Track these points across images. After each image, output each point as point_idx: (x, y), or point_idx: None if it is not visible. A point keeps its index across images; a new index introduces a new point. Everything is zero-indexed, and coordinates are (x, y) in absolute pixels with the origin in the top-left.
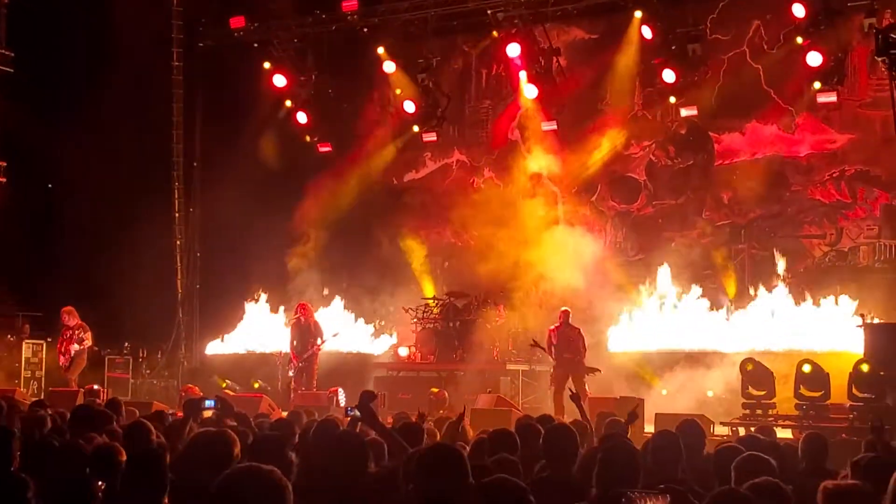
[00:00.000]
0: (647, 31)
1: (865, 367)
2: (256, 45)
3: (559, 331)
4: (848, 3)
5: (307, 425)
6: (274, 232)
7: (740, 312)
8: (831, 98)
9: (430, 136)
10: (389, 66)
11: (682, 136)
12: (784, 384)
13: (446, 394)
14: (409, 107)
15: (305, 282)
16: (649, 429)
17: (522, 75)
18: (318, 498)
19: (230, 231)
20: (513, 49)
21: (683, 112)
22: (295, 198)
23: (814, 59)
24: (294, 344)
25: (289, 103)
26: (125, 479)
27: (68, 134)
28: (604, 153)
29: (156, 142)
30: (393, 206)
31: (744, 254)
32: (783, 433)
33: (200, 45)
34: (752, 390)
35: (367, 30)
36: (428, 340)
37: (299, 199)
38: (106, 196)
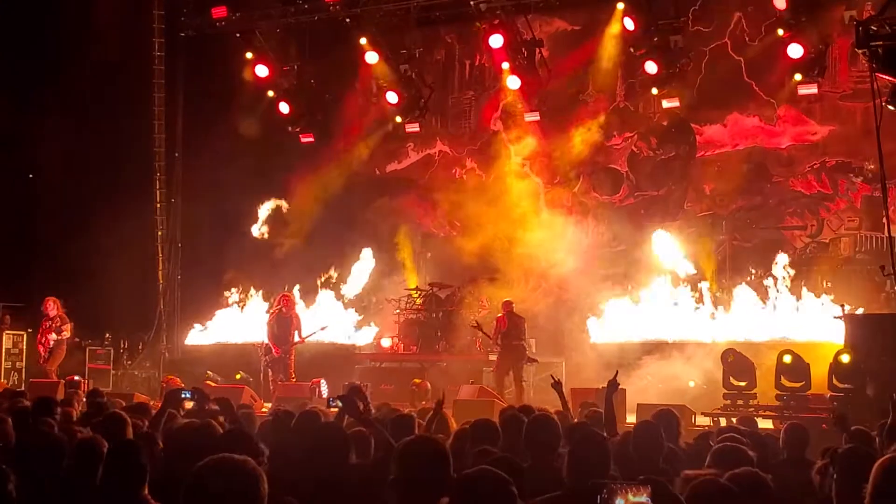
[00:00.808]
0: (629, 23)
1: (846, 358)
2: (239, 34)
3: (507, 319)
4: None
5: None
6: (255, 222)
7: (722, 303)
8: (812, 90)
9: (412, 127)
10: (372, 57)
11: (664, 128)
12: (765, 375)
13: (428, 385)
14: (392, 97)
15: (287, 272)
16: (631, 419)
17: (505, 66)
18: (298, 489)
19: (212, 221)
20: (495, 40)
21: (665, 104)
22: (277, 188)
23: (795, 50)
24: (274, 334)
25: (271, 93)
26: (104, 471)
27: (49, 124)
28: (586, 144)
29: (137, 132)
30: (375, 196)
31: (725, 244)
32: (764, 423)
33: (182, 34)
34: (733, 381)
35: (349, 20)
36: (410, 331)
37: (281, 190)
38: (87, 186)
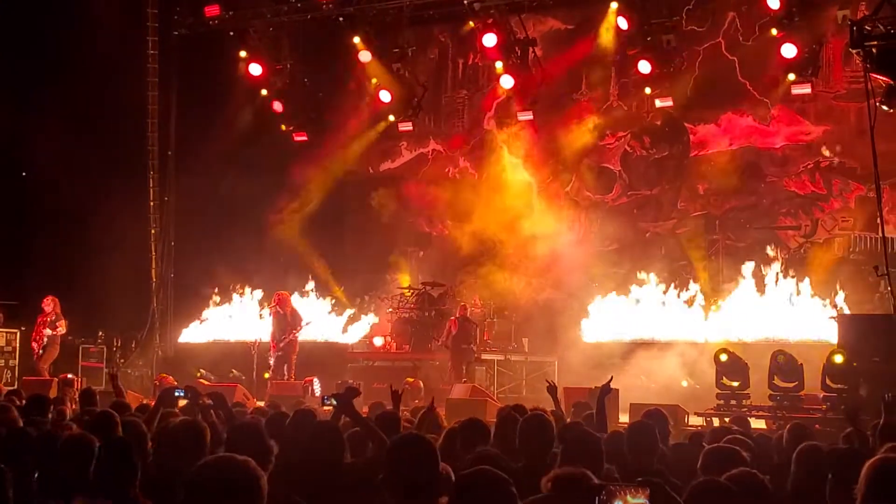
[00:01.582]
0: (622, 22)
1: (839, 358)
2: (232, 33)
3: (458, 323)
4: None
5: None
6: (249, 221)
7: (714, 303)
8: (806, 90)
9: (405, 126)
10: (365, 56)
11: (657, 127)
12: (758, 375)
13: (421, 383)
14: (385, 96)
15: (280, 271)
16: (624, 419)
17: (498, 65)
18: (293, 488)
19: (205, 219)
20: (489, 39)
21: (659, 103)
22: (270, 187)
23: (788, 50)
24: (273, 333)
25: (264, 92)
26: (95, 468)
27: (42, 122)
28: (579, 143)
29: (131, 130)
30: (368, 195)
31: (718, 244)
32: (757, 423)
33: (175, 33)
34: (726, 381)
35: (342, 19)
36: (403, 330)
37: (274, 188)
38: (81, 184)
